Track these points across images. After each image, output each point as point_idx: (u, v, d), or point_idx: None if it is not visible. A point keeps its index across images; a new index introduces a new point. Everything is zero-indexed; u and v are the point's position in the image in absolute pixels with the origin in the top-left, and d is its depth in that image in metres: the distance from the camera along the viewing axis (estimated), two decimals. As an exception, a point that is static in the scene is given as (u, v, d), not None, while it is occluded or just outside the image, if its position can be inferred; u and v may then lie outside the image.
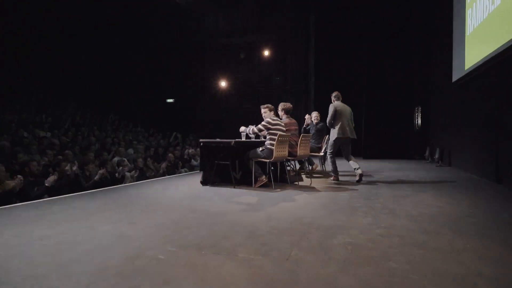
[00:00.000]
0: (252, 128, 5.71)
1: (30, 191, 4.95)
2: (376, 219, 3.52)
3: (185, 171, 8.38)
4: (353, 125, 6.31)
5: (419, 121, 12.96)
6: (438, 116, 11.01)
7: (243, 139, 5.94)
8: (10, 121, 9.10)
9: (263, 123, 5.60)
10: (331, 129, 6.24)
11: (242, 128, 5.93)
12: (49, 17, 13.59)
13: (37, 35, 13.67)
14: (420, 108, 12.99)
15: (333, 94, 6.40)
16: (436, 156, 10.05)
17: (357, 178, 6.17)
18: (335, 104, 6.21)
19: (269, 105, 5.81)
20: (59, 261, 2.40)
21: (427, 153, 11.31)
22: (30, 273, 2.20)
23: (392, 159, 11.90)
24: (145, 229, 3.17)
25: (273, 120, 5.61)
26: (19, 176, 4.93)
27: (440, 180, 6.66)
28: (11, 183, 4.60)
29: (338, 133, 6.08)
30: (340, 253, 2.51)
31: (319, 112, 7.85)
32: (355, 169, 6.22)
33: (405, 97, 12.92)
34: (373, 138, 13.04)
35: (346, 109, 6.25)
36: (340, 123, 6.06)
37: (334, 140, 6.19)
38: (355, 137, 6.28)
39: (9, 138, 7.68)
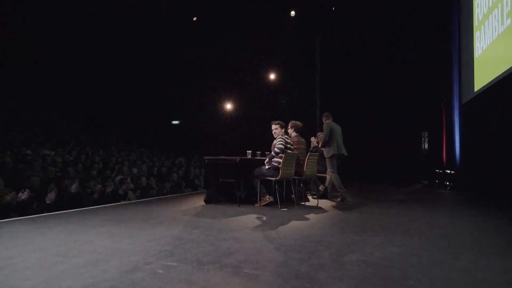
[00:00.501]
0: (272, 155, 5.39)
1: (29, 206, 4.79)
2: (389, 238, 3.31)
3: (188, 191, 8.19)
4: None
5: (426, 146, 12.75)
6: (446, 139, 10.83)
7: (249, 157, 5.79)
8: (14, 139, 9.06)
9: (279, 144, 5.32)
10: (325, 147, 6.35)
11: (267, 163, 5.64)
12: (54, 36, 13.84)
13: (41, 54, 13.87)
14: (427, 133, 12.82)
15: (325, 114, 6.63)
16: (445, 180, 9.79)
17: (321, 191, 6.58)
18: (329, 122, 6.42)
19: (281, 122, 5.67)
20: (50, 273, 2.22)
21: (435, 177, 11.04)
22: (16, 285, 2.02)
23: (400, 183, 11.62)
24: (144, 243, 2.99)
25: (287, 138, 5.48)
26: (26, 190, 4.79)
27: (451, 202, 6.41)
28: (7, 197, 4.47)
29: (334, 150, 6.24)
30: (354, 271, 2.31)
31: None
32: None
33: (412, 121, 12.77)
34: (380, 162, 12.81)
35: (338, 127, 6.52)
36: (334, 141, 6.27)
37: (330, 157, 6.32)
38: (346, 154, 6.50)
39: (12, 155, 7.60)
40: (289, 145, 5.45)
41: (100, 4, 13.42)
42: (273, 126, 5.65)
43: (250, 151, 5.86)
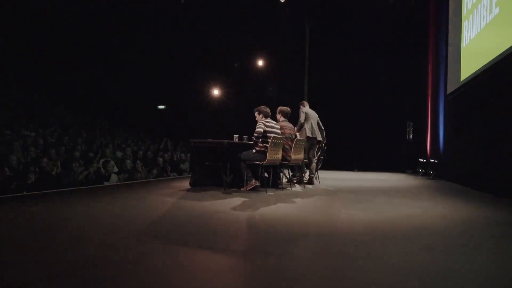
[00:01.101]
0: (254, 140, 5.37)
1: (7, 186, 4.65)
2: (379, 217, 3.32)
3: (174, 175, 8.10)
4: (323, 128, 6.89)
5: (411, 135, 12.91)
6: (431, 129, 10.97)
7: (236, 141, 5.72)
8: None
9: (258, 127, 5.32)
10: (301, 130, 6.60)
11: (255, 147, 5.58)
12: (39, 19, 13.35)
13: (27, 37, 13.38)
14: (411, 123, 12.96)
15: (301, 102, 7.08)
16: (429, 169, 9.95)
17: (305, 179, 6.66)
18: (304, 109, 6.78)
19: (260, 108, 5.57)
20: (31, 251, 2.14)
21: (419, 166, 11.21)
22: (-9, 260, 1.94)
23: (384, 171, 11.78)
24: (127, 223, 2.92)
25: (267, 122, 5.40)
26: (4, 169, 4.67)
27: (435, 190, 6.51)
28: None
29: (308, 133, 6.53)
30: (336, 249, 2.29)
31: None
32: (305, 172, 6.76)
33: (397, 110, 12.88)
34: (365, 151, 12.92)
35: (314, 113, 6.82)
36: (309, 124, 6.59)
37: (306, 140, 6.53)
38: (324, 140, 6.93)
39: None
40: (271, 129, 5.35)
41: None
42: (255, 113, 5.63)
43: (237, 135, 5.79)
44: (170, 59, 15.17)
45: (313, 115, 6.76)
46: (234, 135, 5.78)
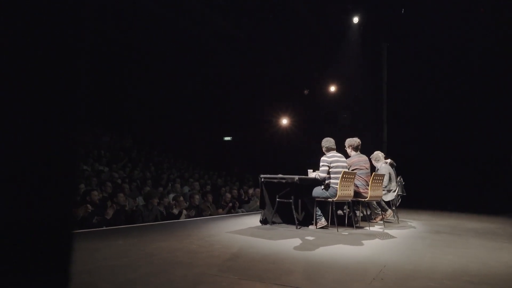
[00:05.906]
0: (316, 175, 5.72)
1: (90, 220, 5.46)
2: (464, 267, 3.37)
3: (242, 211, 8.58)
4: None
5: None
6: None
7: (311, 176, 6.00)
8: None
9: (321, 164, 5.65)
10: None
11: (313, 174, 5.95)
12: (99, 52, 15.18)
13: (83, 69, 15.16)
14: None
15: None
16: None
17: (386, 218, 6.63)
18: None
19: (323, 141, 5.90)
20: (123, 280, 2.66)
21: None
22: (98, 286, 2.47)
23: (484, 210, 11.04)
24: (204, 258, 3.37)
25: (329, 157, 5.64)
26: (88, 205, 5.53)
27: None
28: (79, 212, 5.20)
29: None
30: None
31: (386, 152, 7.79)
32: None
33: (500, 135, 12.15)
34: (461, 189, 12.27)
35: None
36: None
37: None
38: None
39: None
40: (336, 163, 5.57)
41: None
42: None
43: (312, 170, 6.05)
44: (235, 88, 16.12)
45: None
46: (309, 170, 6.04)
